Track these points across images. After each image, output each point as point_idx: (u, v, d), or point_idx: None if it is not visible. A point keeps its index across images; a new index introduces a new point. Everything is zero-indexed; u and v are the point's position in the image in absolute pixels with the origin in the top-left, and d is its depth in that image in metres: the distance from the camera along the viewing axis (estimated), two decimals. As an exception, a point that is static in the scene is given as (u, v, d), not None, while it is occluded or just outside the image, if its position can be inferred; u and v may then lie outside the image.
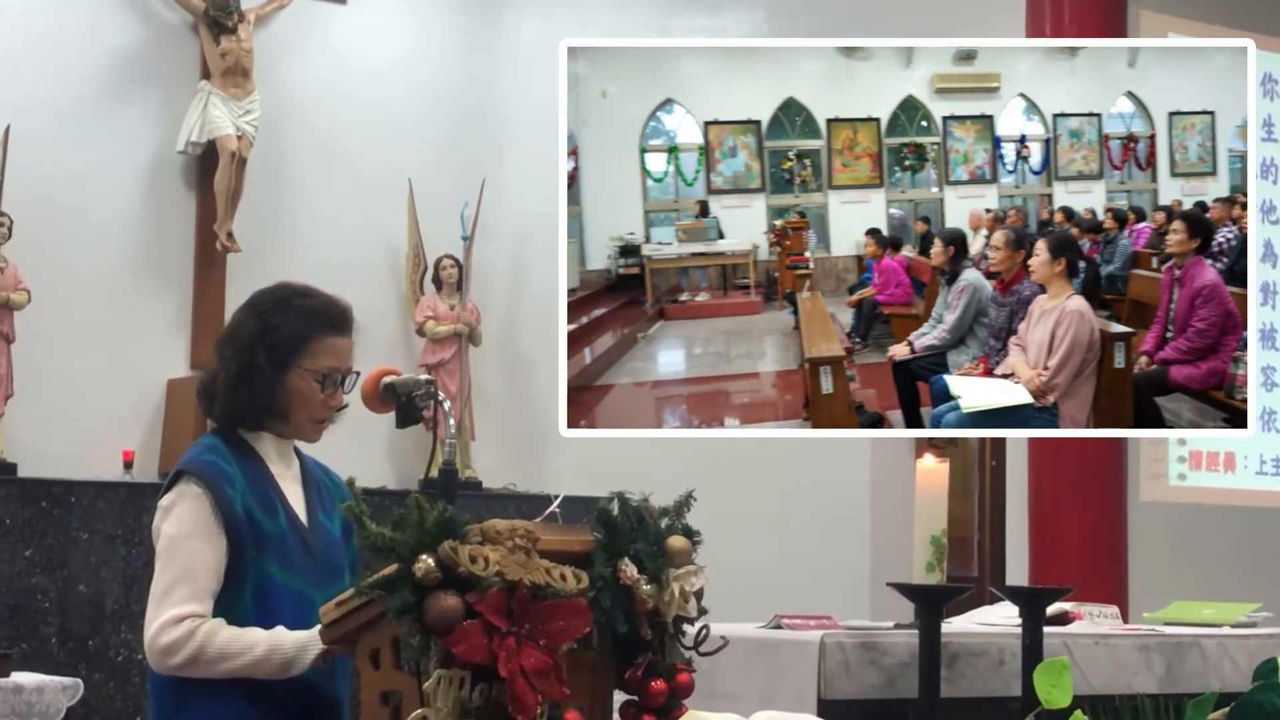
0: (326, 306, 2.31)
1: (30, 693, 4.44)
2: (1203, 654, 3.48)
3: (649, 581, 2.02)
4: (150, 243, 6.12)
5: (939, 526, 2.83)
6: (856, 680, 3.00)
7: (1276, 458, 7.62)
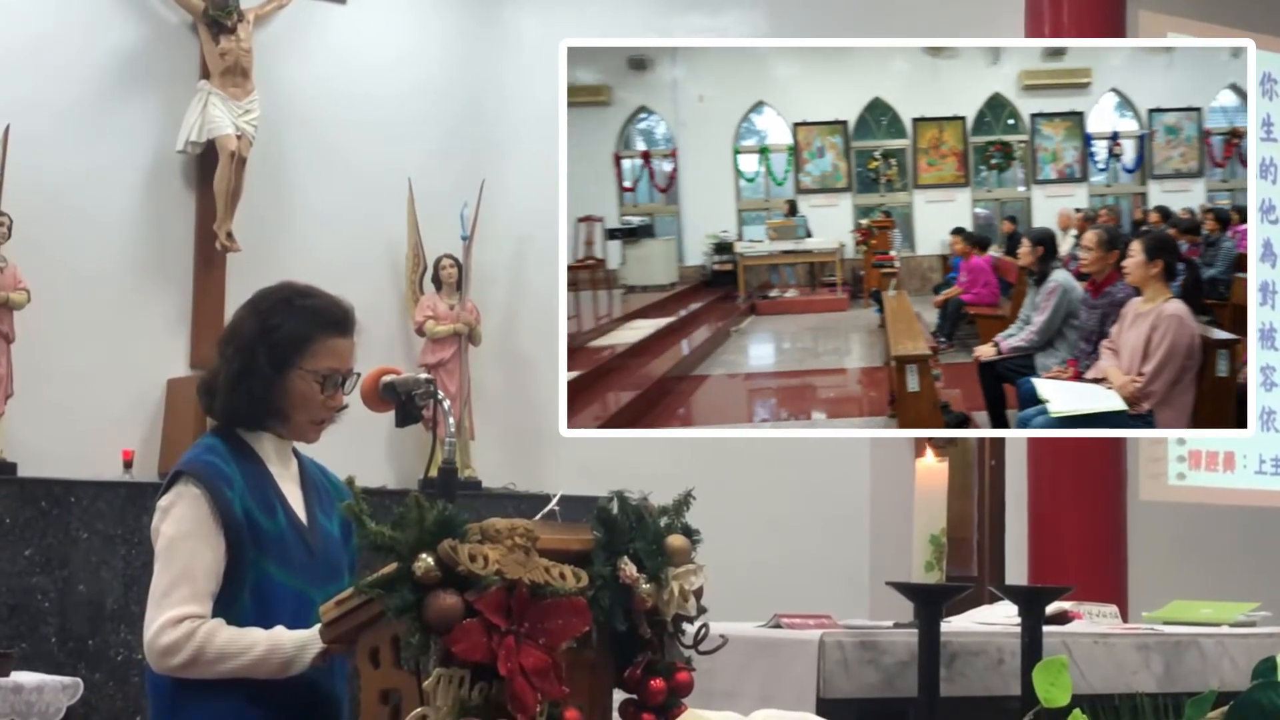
0: (329, 307, 2.31)
1: (30, 692, 4.44)
2: (1201, 653, 3.48)
3: (648, 580, 2.02)
4: (150, 242, 6.12)
5: (938, 526, 2.83)
6: (855, 679, 3.00)
7: (1276, 457, 7.62)
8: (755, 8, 7.07)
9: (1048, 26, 6.69)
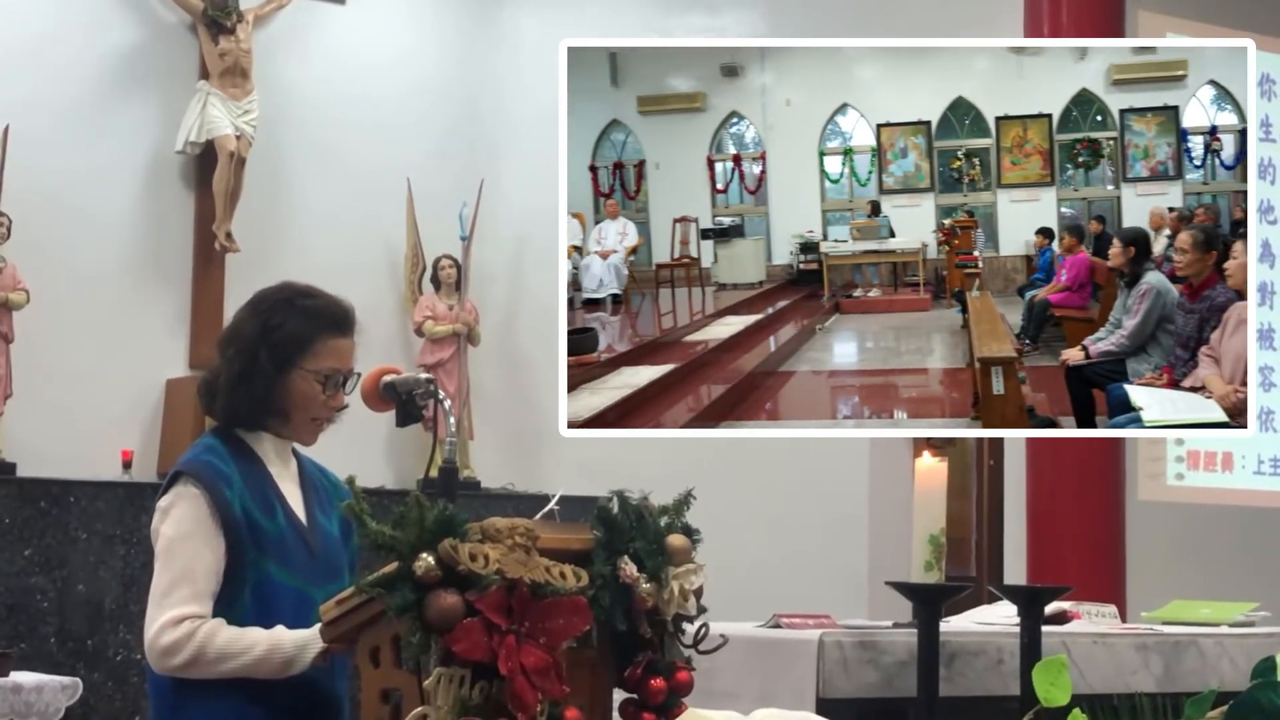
0: (330, 307, 2.31)
1: (29, 692, 4.44)
2: (1201, 653, 3.48)
3: (649, 580, 2.02)
4: (149, 242, 6.12)
5: (937, 526, 2.83)
6: (855, 679, 3.00)
7: (1274, 457, 7.62)
8: (754, 7, 7.07)
9: (1046, 27, 6.69)
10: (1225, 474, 7.55)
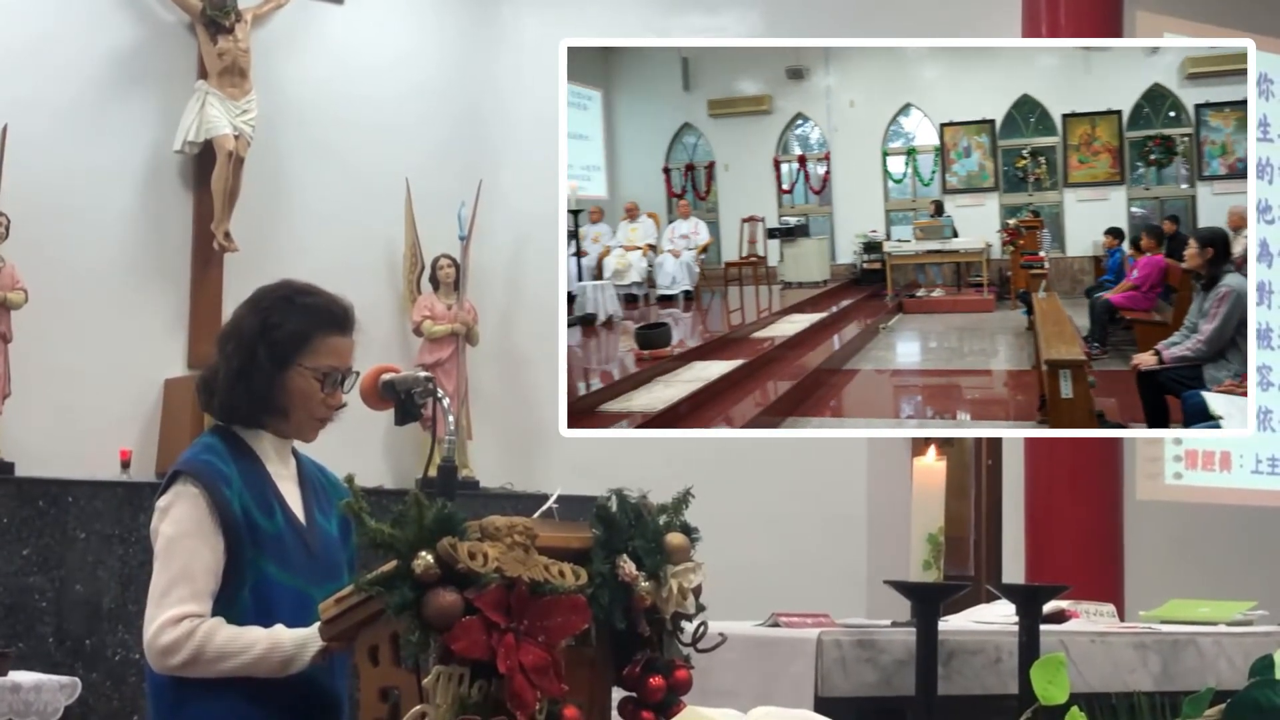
0: (329, 305, 2.31)
1: (28, 691, 4.44)
2: (1199, 652, 3.48)
3: (647, 578, 2.03)
4: (148, 242, 6.12)
5: (936, 525, 2.83)
6: (853, 678, 3.00)
7: (1272, 457, 7.63)
8: (753, 7, 7.08)
9: (1045, 27, 6.70)
10: (1223, 473, 7.56)
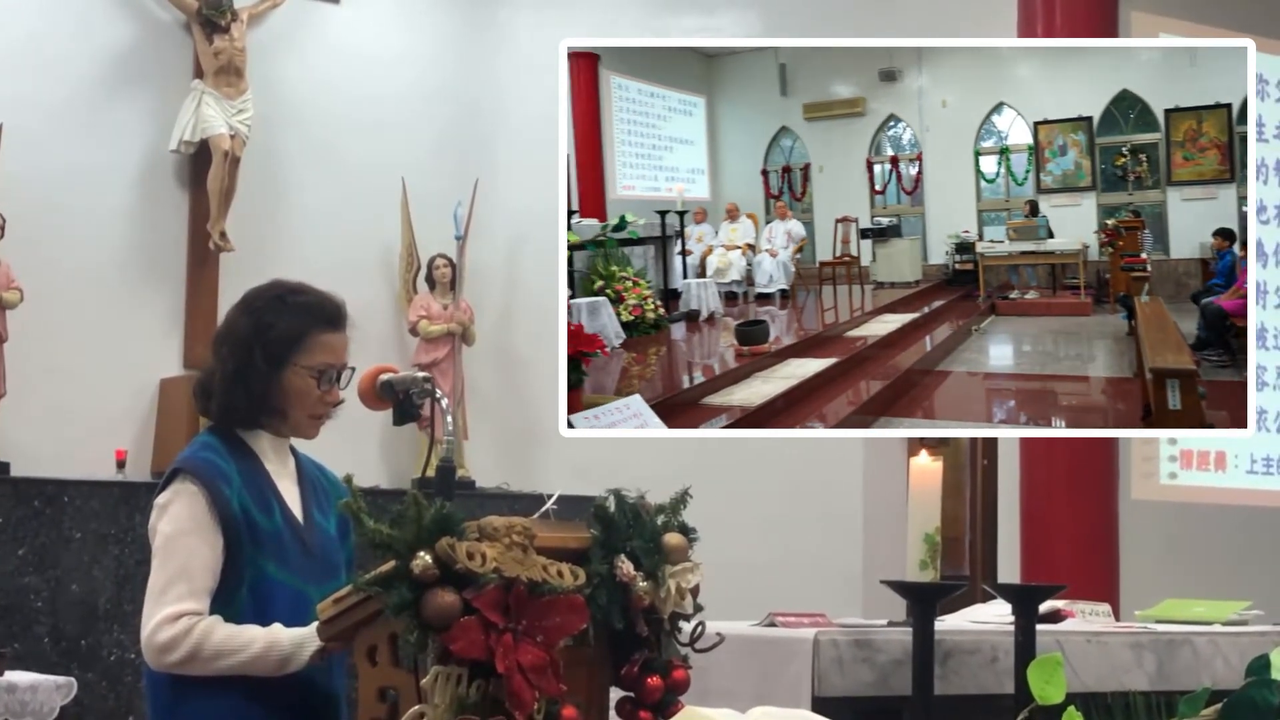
0: (321, 303, 2.31)
1: (24, 691, 4.43)
2: (1194, 651, 3.49)
3: (645, 578, 2.03)
4: (143, 242, 6.11)
5: (933, 524, 2.84)
6: (850, 677, 3.00)
7: (1267, 457, 7.64)
8: (750, 7, 7.08)
9: (1040, 26, 6.71)
10: (1218, 473, 7.57)
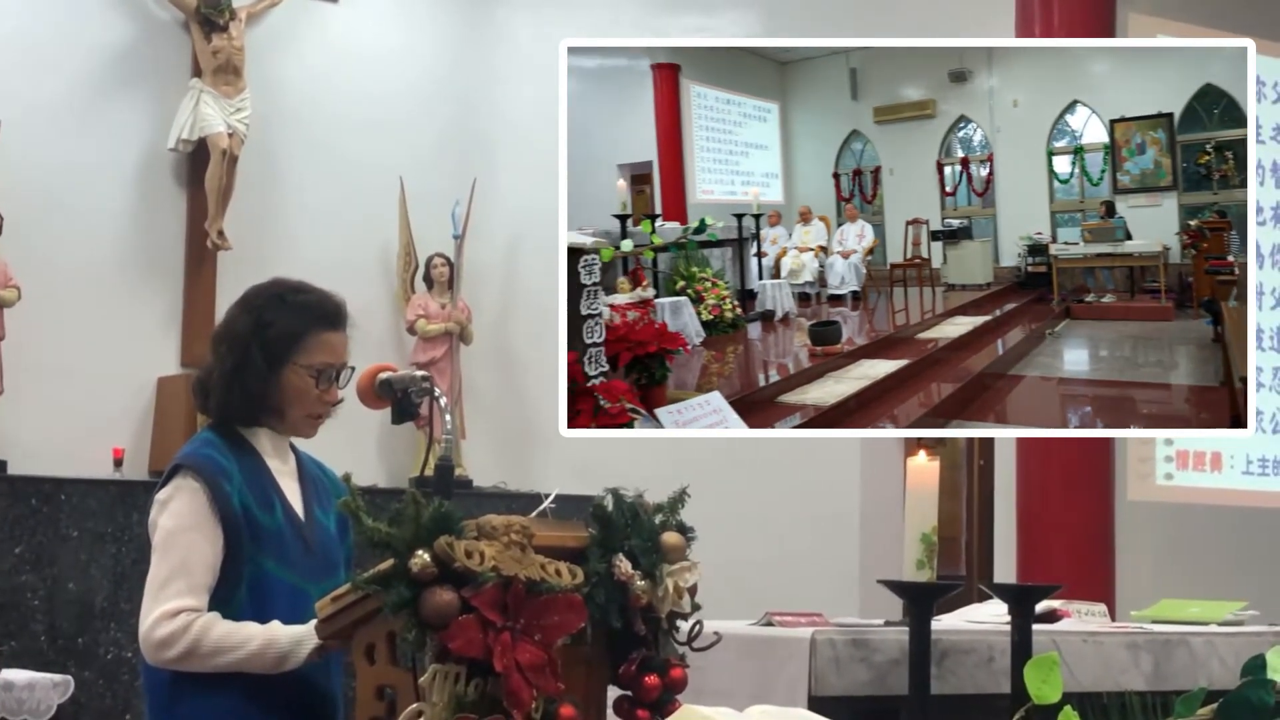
0: (321, 302, 2.32)
1: (21, 689, 4.44)
2: (1190, 652, 3.50)
3: (643, 577, 2.03)
4: (141, 240, 6.11)
5: (930, 524, 2.84)
6: (847, 677, 3.01)
7: (1263, 458, 7.65)
8: (749, 7, 7.08)
9: (1038, 27, 6.72)
10: (1214, 474, 7.58)
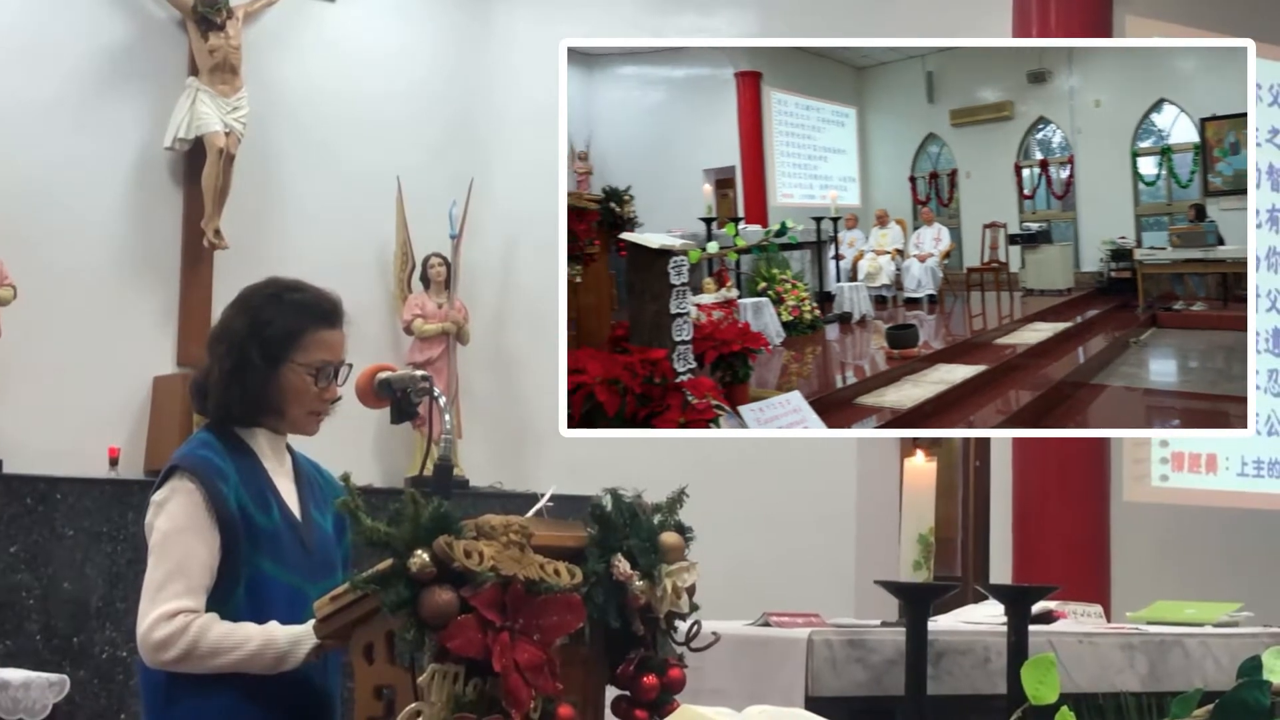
0: (317, 300, 2.32)
1: (17, 689, 4.44)
2: (1185, 653, 3.50)
3: (642, 577, 2.04)
4: (137, 239, 6.11)
5: (926, 525, 2.85)
6: (844, 677, 3.01)
7: (1258, 460, 7.66)
8: (747, 8, 7.08)
9: (1035, 28, 6.72)
10: (1210, 475, 7.58)
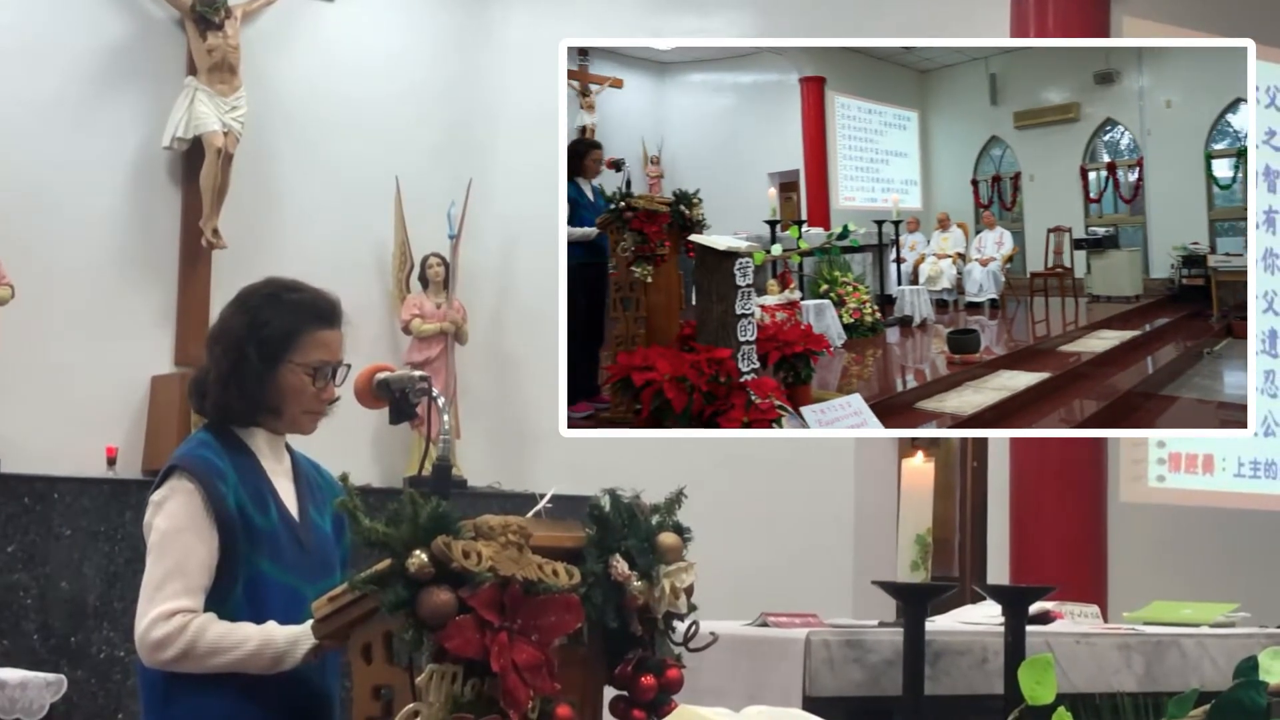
0: (315, 300, 2.32)
1: (14, 688, 4.44)
2: (1182, 653, 3.51)
3: (640, 577, 2.04)
4: (135, 239, 6.11)
5: (924, 525, 2.85)
6: (841, 677, 3.02)
7: (1254, 460, 7.67)
8: (745, 8, 7.09)
9: (1033, 28, 6.73)
10: (1206, 476, 7.59)
